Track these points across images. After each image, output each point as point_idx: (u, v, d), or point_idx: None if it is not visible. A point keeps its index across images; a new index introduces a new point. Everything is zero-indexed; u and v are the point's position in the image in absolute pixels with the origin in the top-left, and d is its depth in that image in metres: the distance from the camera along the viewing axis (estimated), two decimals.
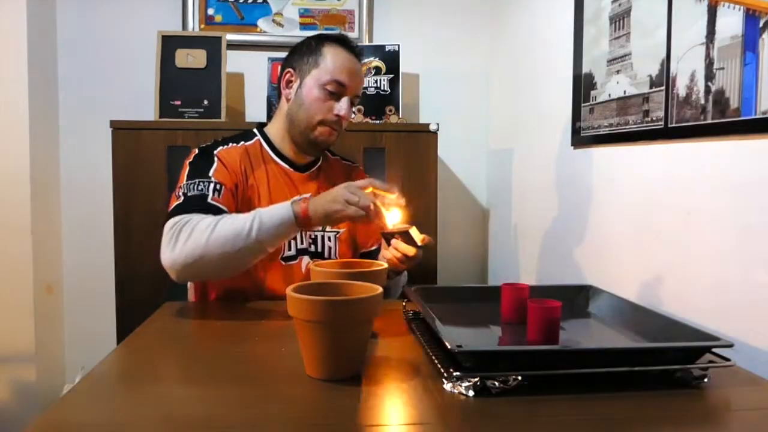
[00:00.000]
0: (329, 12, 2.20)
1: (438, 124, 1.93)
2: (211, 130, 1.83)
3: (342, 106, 1.28)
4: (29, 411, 1.90)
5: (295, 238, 1.29)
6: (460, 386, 0.72)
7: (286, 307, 0.76)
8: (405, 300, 1.11)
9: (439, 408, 0.70)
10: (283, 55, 2.12)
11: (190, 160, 1.27)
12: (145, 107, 2.01)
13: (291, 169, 1.34)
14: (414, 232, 1.16)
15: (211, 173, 1.24)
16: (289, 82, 1.34)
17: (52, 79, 2.08)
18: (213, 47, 1.98)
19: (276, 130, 1.36)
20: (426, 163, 1.93)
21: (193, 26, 2.11)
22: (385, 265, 1.03)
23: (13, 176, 1.90)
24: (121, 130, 1.80)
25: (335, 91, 1.28)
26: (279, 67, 2.07)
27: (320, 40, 1.32)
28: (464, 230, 2.33)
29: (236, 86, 2.17)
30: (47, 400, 1.96)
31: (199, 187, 1.20)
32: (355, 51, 1.33)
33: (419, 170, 1.93)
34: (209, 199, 1.20)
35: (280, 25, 2.18)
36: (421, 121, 2.24)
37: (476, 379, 0.71)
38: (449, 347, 0.73)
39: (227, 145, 1.31)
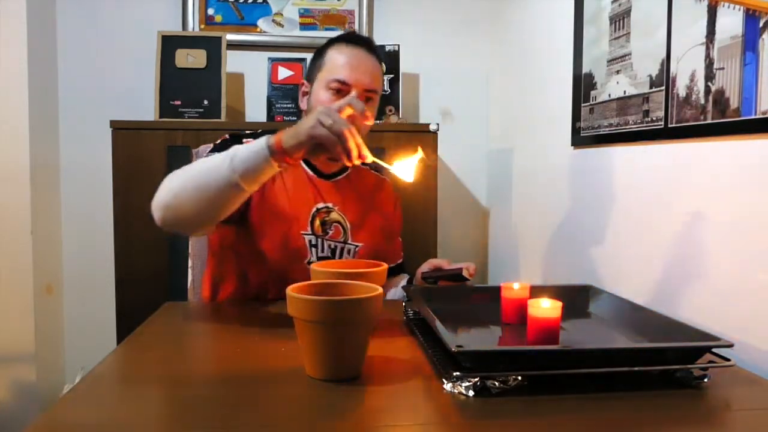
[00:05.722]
0: (329, 12, 2.20)
1: (438, 124, 1.93)
2: (211, 130, 1.83)
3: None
4: (29, 411, 1.90)
5: (316, 246, 1.26)
6: (460, 386, 0.72)
7: (287, 307, 0.76)
8: (405, 300, 1.11)
9: (439, 408, 0.70)
10: (283, 55, 2.15)
11: (217, 142, 1.20)
12: (145, 107, 2.01)
13: (315, 176, 1.30)
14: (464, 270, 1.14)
15: None
16: (304, 94, 1.30)
17: (52, 79, 2.08)
18: (213, 47, 1.98)
19: None
20: (426, 164, 1.93)
21: (193, 26, 2.11)
22: (385, 265, 1.02)
23: (13, 176, 1.90)
24: (121, 130, 1.80)
25: (340, 89, 1.21)
26: (278, 67, 2.10)
27: (327, 44, 1.29)
28: (464, 230, 2.33)
29: (236, 86, 2.17)
30: (47, 400, 1.96)
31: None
32: (362, 43, 1.26)
33: (419, 170, 1.93)
34: None
35: (280, 25, 2.18)
36: (421, 121, 2.24)
37: (476, 379, 0.71)
38: (449, 347, 0.73)
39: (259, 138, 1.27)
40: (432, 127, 1.91)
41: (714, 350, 0.79)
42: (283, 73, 2.06)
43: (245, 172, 0.97)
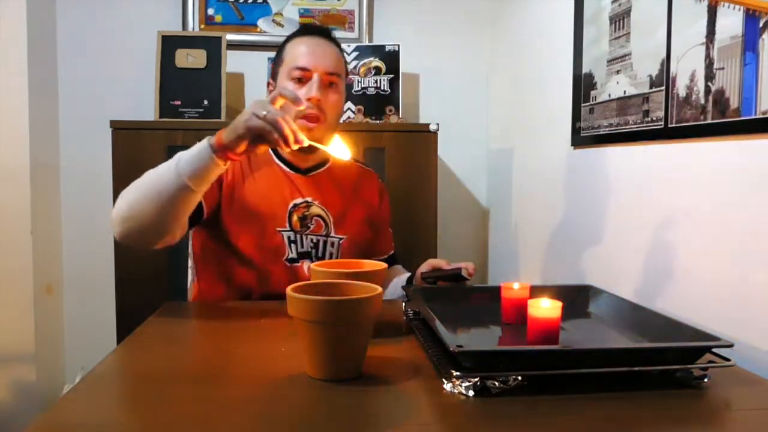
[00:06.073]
0: (329, 12, 2.20)
1: (438, 124, 1.93)
2: (211, 130, 1.82)
3: (308, 87, 1.22)
4: (29, 411, 1.90)
5: (295, 241, 1.27)
6: (460, 386, 0.72)
7: (287, 307, 0.76)
8: (405, 300, 1.11)
9: (439, 408, 0.70)
10: None
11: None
12: (145, 107, 2.02)
13: (291, 171, 1.31)
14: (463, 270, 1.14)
15: None
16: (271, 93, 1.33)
17: (52, 79, 2.08)
18: (213, 47, 1.98)
19: None
20: (426, 163, 1.93)
21: (193, 26, 2.11)
22: (385, 265, 1.02)
23: (13, 176, 1.90)
24: (121, 130, 1.80)
25: (301, 77, 1.22)
26: None
27: (286, 39, 1.30)
28: (464, 230, 2.33)
29: (236, 86, 2.17)
30: (47, 400, 1.96)
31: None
32: (320, 32, 1.28)
33: (419, 170, 1.93)
34: None
35: (280, 25, 2.18)
36: (421, 121, 2.24)
37: (476, 379, 0.71)
38: (449, 347, 0.73)
39: None
40: (432, 127, 1.91)
41: (714, 350, 0.79)
42: None
43: (192, 174, 1.02)
